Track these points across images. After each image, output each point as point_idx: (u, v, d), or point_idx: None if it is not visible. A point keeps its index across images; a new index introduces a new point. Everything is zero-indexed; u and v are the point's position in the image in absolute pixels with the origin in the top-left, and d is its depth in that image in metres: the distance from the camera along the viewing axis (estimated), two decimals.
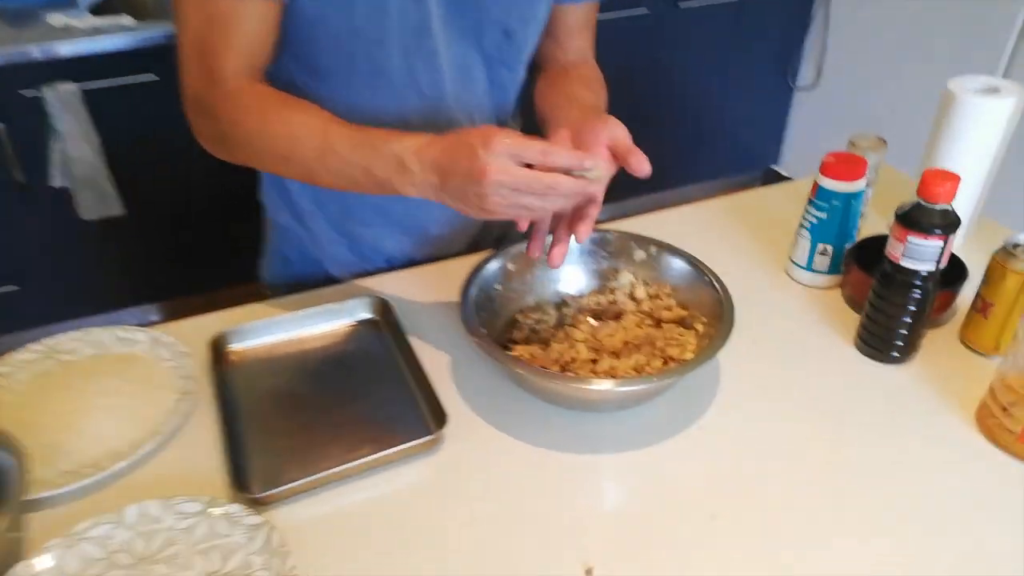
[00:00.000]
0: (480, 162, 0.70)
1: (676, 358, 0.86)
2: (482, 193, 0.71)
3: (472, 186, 0.72)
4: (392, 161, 0.76)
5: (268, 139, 0.81)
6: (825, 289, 1.04)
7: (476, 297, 0.87)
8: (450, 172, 0.73)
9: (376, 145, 0.77)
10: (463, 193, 0.73)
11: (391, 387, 0.88)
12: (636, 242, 0.95)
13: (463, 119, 1.01)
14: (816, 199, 0.99)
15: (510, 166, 0.71)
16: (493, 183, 0.70)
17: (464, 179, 0.72)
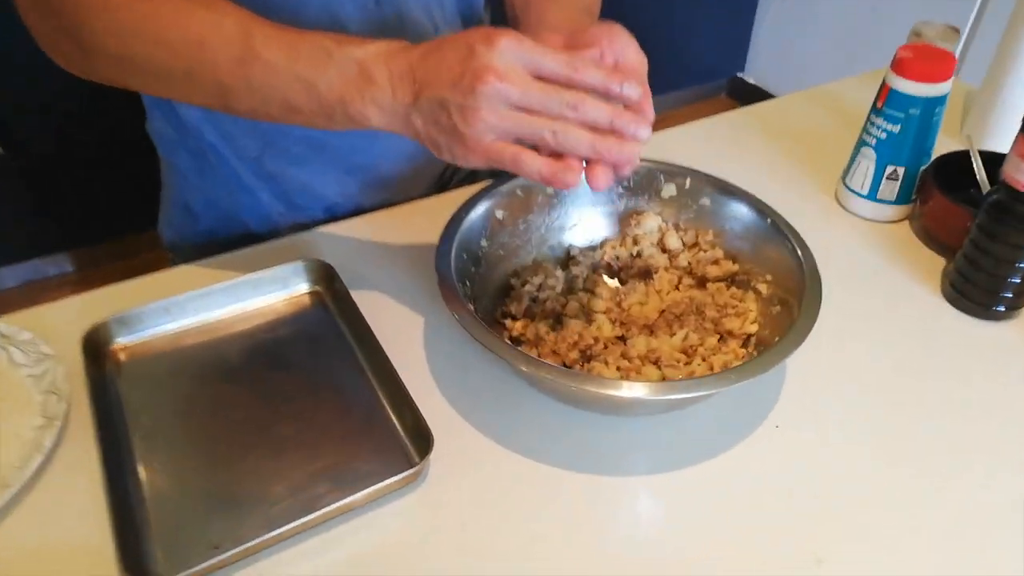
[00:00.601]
0: (479, 62, 0.47)
1: (737, 334, 0.63)
2: (471, 108, 0.47)
3: (458, 97, 0.48)
4: (350, 71, 0.51)
5: (153, 46, 0.55)
6: (889, 223, 0.82)
7: (457, 259, 0.63)
8: (430, 82, 0.49)
9: (326, 50, 0.52)
10: (441, 113, 0.49)
11: (348, 387, 0.63)
12: (664, 172, 0.71)
13: (423, 23, 0.74)
14: (887, 107, 0.76)
15: (519, 72, 0.48)
16: (491, 91, 0.47)
17: (449, 89, 0.48)
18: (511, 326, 0.66)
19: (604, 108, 0.49)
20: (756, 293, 0.66)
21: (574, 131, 0.49)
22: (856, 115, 1.00)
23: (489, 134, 0.49)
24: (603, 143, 0.49)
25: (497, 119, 0.48)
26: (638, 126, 0.50)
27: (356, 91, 0.51)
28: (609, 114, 0.49)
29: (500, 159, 0.50)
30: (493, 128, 0.48)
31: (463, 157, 0.50)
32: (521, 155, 0.49)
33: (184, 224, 0.85)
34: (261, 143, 0.78)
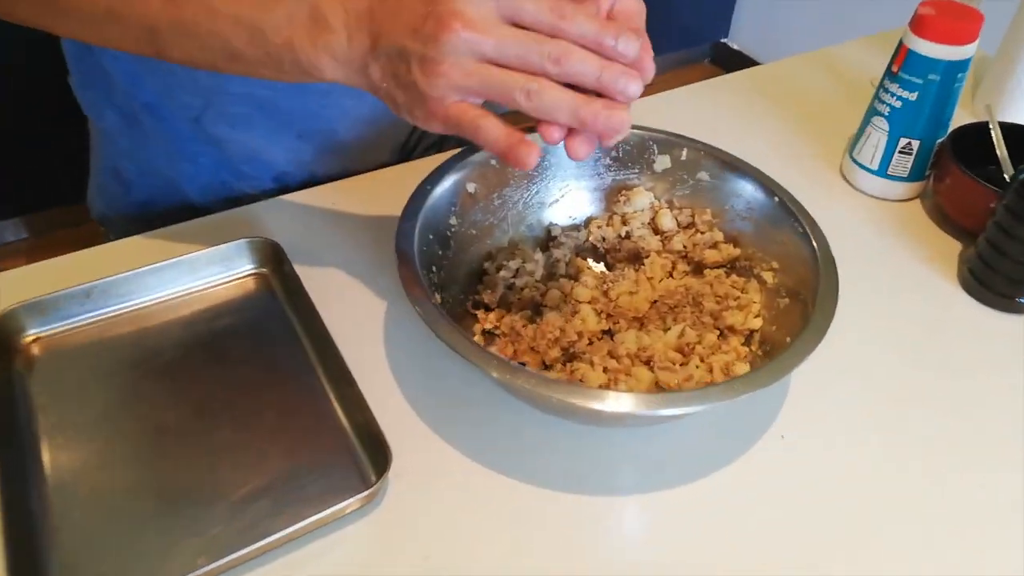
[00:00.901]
0: (444, 5, 0.39)
1: (739, 329, 0.56)
2: (433, 60, 0.40)
3: (419, 46, 0.40)
4: (299, 12, 0.43)
5: None
6: (899, 202, 0.75)
7: (421, 240, 0.54)
8: (389, 27, 0.41)
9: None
10: (400, 64, 0.41)
11: (295, 387, 0.55)
12: (657, 142, 0.63)
13: None
14: (904, 71, 0.68)
15: (492, 18, 0.40)
16: (457, 41, 0.39)
17: (410, 36, 0.40)
18: (484, 318, 0.58)
19: (592, 61, 0.41)
20: (760, 282, 0.58)
21: (553, 91, 0.41)
22: (861, 81, 0.92)
23: (453, 94, 0.41)
24: (587, 108, 0.41)
25: (462, 76, 0.40)
26: (629, 81, 0.42)
27: (307, 36, 0.43)
28: (597, 68, 0.41)
29: (460, 124, 0.42)
30: (457, 86, 0.40)
31: (424, 119, 0.42)
32: (481, 120, 0.41)
33: (115, 194, 0.75)
34: (201, 103, 0.69)
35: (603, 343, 0.55)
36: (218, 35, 0.45)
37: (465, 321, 0.59)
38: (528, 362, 0.56)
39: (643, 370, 0.53)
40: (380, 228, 0.67)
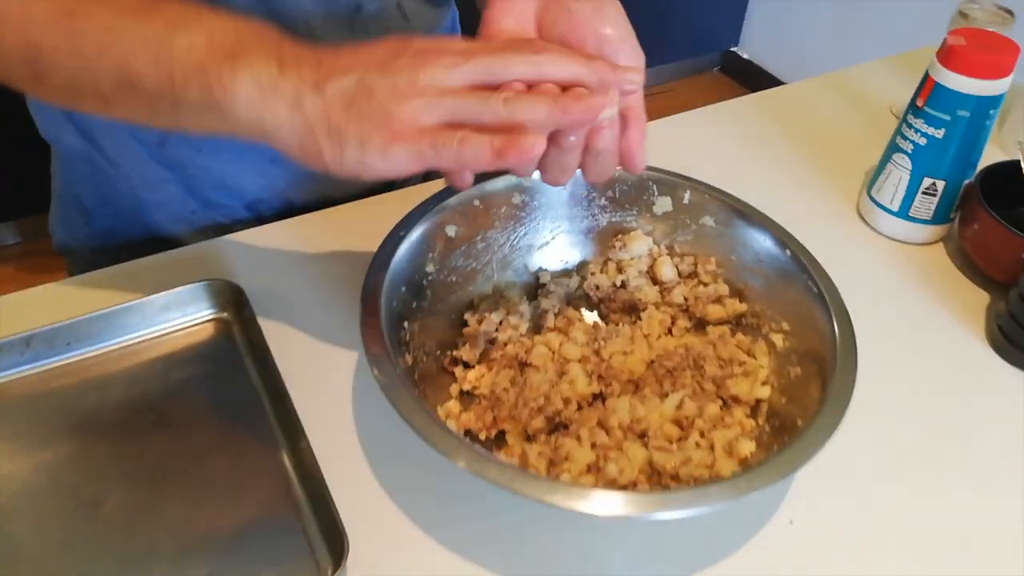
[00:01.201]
0: (416, 45, 0.38)
1: (744, 400, 0.50)
2: (406, 83, 0.36)
3: (389, 75, 0.36)
4: (224, 35, 0.38)
5: None
6: (922, 245, 0.69)
7: (392, 292, 0.49)
8: (348, 66, 0.37)
9: (199, 10, 0.39)
10: (359, 92, 0.36)
11: (249, 456, 0.50)
12: (657, 181, 0.57)
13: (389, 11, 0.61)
14: (930, 106, 0.63)
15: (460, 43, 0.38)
16: (434, 69, 0.37)
17: (377, 68, 0.37)
18: (462, 377, 0.53)
19: (574, 59, 0.39)
20: (769, 344, 0.53)
21: (528, 96, 0.37)
22: (881, 108, 0.86)
23: (427, 114, 0.36)
24: (567, 99, 0.37)
25: (440, 95, 0.36)
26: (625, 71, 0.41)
27: (226, 58, 0.37)
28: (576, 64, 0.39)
29: (438, 144, 0.36)
30: (434, 107, 0.36)
31: (380, 147, 0.36)
32: (467, 134, 0.37)
33: (76, 223, 0.70)
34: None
35: (593, 411, 0.50)
36: (114, 55, 0.38)
37: (441, 380, 0.53)
38: (509, 431, 0.50)
39: (636, 447, 0.47)
40: (356, 266, 0.61)
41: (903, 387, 0.57)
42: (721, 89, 2.68)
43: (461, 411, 0.50)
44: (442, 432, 0.40)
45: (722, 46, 2.70)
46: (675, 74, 2.69)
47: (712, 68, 2.77)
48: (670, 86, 2.68)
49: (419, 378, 0.50)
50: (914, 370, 0.58)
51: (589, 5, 0.42)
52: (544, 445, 0.48)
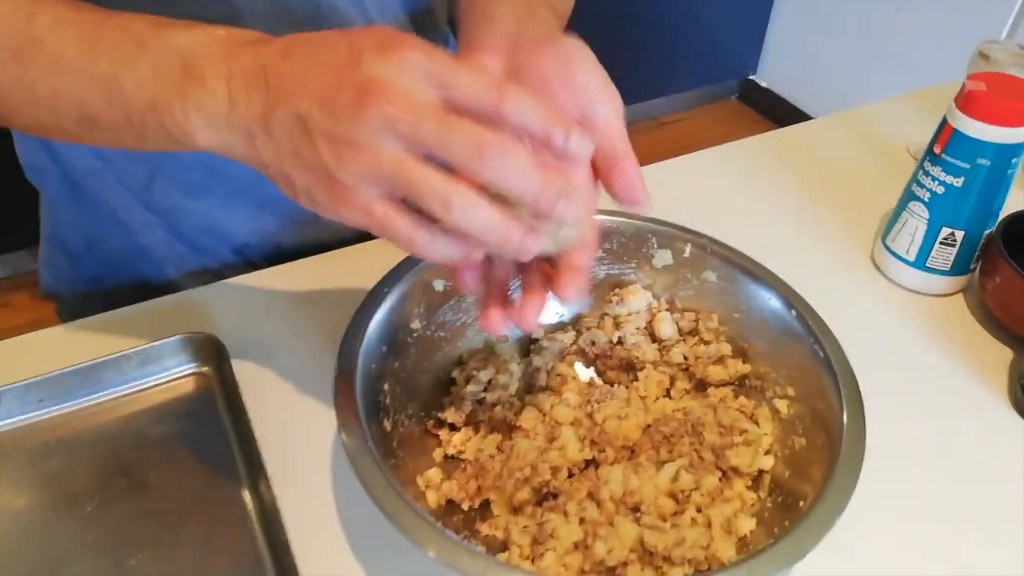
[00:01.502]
0: (364, 72, 0.31)
1: (745, 471, 0.47)
2: (347, 139, 0.32)
3: (328, 120, 0.32)
4: (169, 65, 0.35)
5: None
6: (939, 296, 0.66)
7: (371, 354, 0.46)
8: (290, 92, 0.33)
9: (138, 37, 0.36)
10: (303, 140, 0.33)
11: (221, 529, 0.47)
12: (656, 234, 0.55)
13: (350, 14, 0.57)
14: (948, 154, 0.59)
15: (421, 95, 0.32)
16: (379, 119, 0.31)
17: (318, 105, 0.32)
18: (447, 440, 0.50)
19: (533, 166, 0.32)
20: (773, 410, 0.49)
21: (479, 209, 0.32)
22: (897, 149, 0.83)
23: (368, 184, 0.32)
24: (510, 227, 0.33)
25: (376, 164, 0.31)
26: (568, 206, 0.33)
27: (175, 93, 0.35)
28: (538, 183, 0.32)
29: (385, 229, 0.33)
30: (373, 176, 0.32)
31: (329, 208, 0.34)
32: (420, 237, 0.33)
33: (62, 267, 0.69)
34: (150, 168, 0.61)
35: (583, 481, 0.46)
36: (69, 96, 0.37)
37: (425, 443, 0.50)
38: (495, 500, 0.47)
39: (628, 523, 0.44)
40: (345, 316, 0.58)
41: (918, 451, 0.53)
42: (739, 117, 2.65)
43: (443, 480, 0.47)
44: (410, 515, 0.37)
45: (740, 74, 2.68)
46: (693, 102, 2.67)
47: (730, 96, 2.74)
48: (688, 114, 2.66)
49: (399, 443, 0.47)
50: (930, 433, 0.55)
51: (552, 58, 0.39)
52: (530, 519, 0.45)
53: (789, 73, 2.56)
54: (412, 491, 0.46)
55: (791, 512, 0.43)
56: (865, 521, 0.48)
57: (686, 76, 2.59)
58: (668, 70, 2.52)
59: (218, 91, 0.34)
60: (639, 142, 0.41)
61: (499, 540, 0.46)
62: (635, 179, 0.39)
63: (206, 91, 0.34)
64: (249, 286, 0.62)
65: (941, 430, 0.55)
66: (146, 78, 0.35)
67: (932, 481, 0.52)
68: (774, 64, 2.61)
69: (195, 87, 0.34)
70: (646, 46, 2.39)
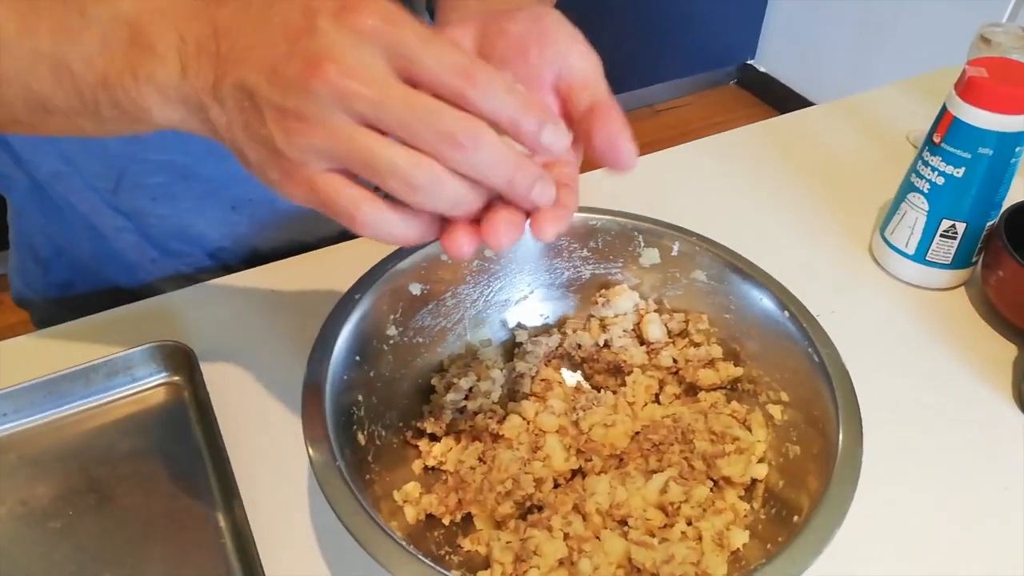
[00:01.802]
0: (317, 41, 0.28)
1: (737, 481, 0.45)
2: (294, 112, 0.29)
3: (277, 92, 0.29)
4: (116, 35, 0.33)
5: None
6: (940, 291, 0.63)
7: (343, 364, 0.44)
8: (239, 59, 0.30)
9: (80, 6, 0.33)
10: (251, 112, 0.30)
11: (192, 537, 0.45)
12: (643, 232, 0.52)
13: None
14: (948, 143, 0.57)
15: (379, 68, 0.29)
16: (328, 92, 0.28)
17: (266, 76, 0.29)
18: (427, 451, 0.48)
19: (504, 156, 0.30)
20: (766, 416, 0.47)
21: (447, 184, 0.29)
22: (895, 136, 0.80)
23: (315, 159, 0.30)
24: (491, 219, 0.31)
25: (327, 137, 0.29)
26: (544, 188, 0.31)
27: (126, 65, 0.32)
28: (509, 168, 0.30)
29: (329, 203, 0.30)
30: (320, 150, 0.29)
31: (280, 184, 0.31)
32: (363, 209, 0.30)
33: (33, 274, 0.67)
34: (116, 171, 0.59)
35: (569, 494, 0.44)
36: (15, 79, 0.34)
37: (404, 454, 0.48)
38: (477, 514, 0.45)
39: (614, 538, 0.42)
40: (321, 321, 0.57)
41: (918, 450, 0.51)
42: (737, 103, 2.62)
43: (422, 494, 0.45)
44: (382, 538, 0.35)
45: (738, 59, 2.64)
46: (691, 88, 2.64)
47: (728, 81, 2.71)
48: (686, 100, 2.62)
49: (375, 456, 0.45)
50: (931, 431, 0.53)
51: (524, 22, 0.36)
52: (513, 534, 0.43)
53: (788, 58, 2.53)
54: (389, 506, 0.44)
55: (786, 524, 0.41)
56: (863, 525, 0.46)
57: (683, 62, 2.56)
58: (664, 56, 2.48)
59: (169, 59, 0.31)
60: (635, 130, 0.37)
61: (482, 555, 0.44)
62: (618, 132, 0.35)
63: (157, 59, 0.31)
64: (223, 288, 0.60)
65: (943, 429, 0.53)
66: (93, 51, 0.33)
67: (933, 482, 0.50)
68: (773, 49, 2.57)
69: (145, 56, 0.32)
70: (641, 31, 2.35)
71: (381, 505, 0.43)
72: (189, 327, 0.57)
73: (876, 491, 0.46)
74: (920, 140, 0.73)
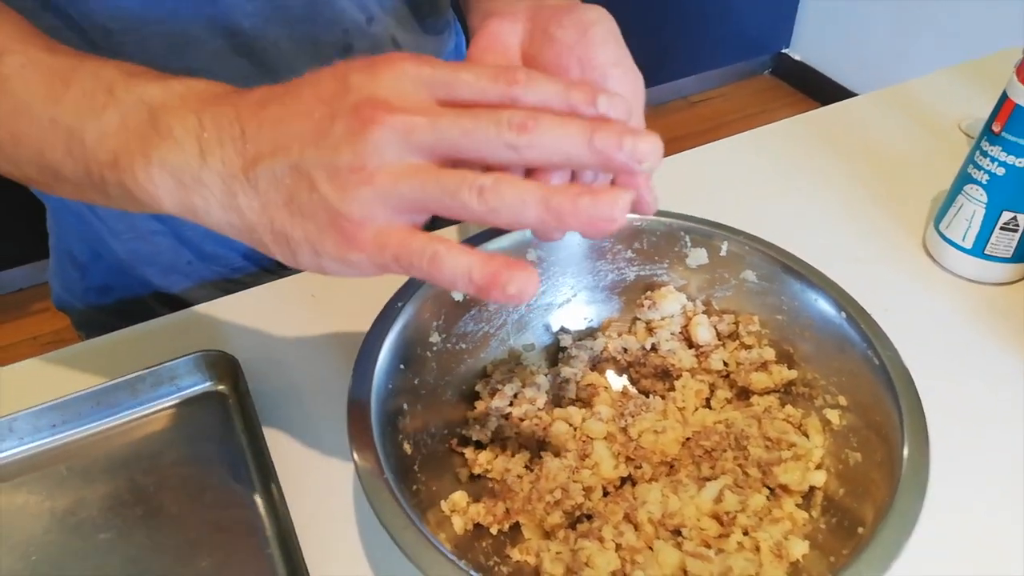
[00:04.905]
0: (358, 95, 0.29)
1: (794, 489, 0.43)
2: (353, 166, 0.28)
3: (328, 153, 0.29)
4: (135, 116, 0.32)
5: None
6: (999, 286, 0.61)
7: (388, 374, 0.43)
8: (277, 142, 0.29)
9: (108, 84, 0.33)
10: (299, 184, 0.29)
11: (239, 550, 0.45)
12: (690, 232, 0.51)
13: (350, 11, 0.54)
14: (1008, 132, 0.55)
15: (422, 97, 0.29)
16: (387, 134, 0.28)
17: (313, 146, 0.29)
18: (473, 459, 0.47)
19: (573, 123, 0.29)
20: (824, 421, 0.46)
21: (513, 183, 0.29)
22: (947, 126, 0.78)
23: (381, 210, 0.29)
24: (563, 196, 0.28)
25: (392, 181, 0.28)
26: (638, 140, 0.29)
27: (139, 148, 0.31)
28: (585, 129, 0.29)
29: (403, 255, 0.29)
30: (387, 197, 0.29)
31: (337, 255, 0.30)
32: (439, 249, 0.29)
33: (72, 279, 0.67)
34: None
35: (619, 503, 0.43)
36: (29, 143, 0.34)
37: (450, 462, 0.48)
38: (525, 524, 0.44)
39: (668, 548, 0.41)
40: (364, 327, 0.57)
41: (980, 454, 0.49)
42: (773, 94, 2.57)
43: (469, 503, 0.44)
44: (430, 552, 0.34)
45: (772, 48, 2.60)
46: (724, 79, 2.60)
47: (763, 71, 2.66)
48: (720, 91, 2.59)
49: (421, 465, 0.44)
50: (993, 434, 0.50)
51: (573, 30, 0.36)
52: (563, 544, 0.42)
53: (825, 45, 2.47)
54: (436, 516, 0.43)
55: (848, 534, 0.39)
56: (924, 532, 0.44)
57: (716, 52, 2.52)
58: (697, 46, 2.45)
59: (187, 144, 0.31)
60: (669, 122, 0.37)
61: (531, 566, 0.43)
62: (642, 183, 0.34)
63: (172, 143, 0.31)
64: (265, 296, 0.60)
65: (1006, 431, 0.51)
66: (110, 129, 0.32)
67: (999, 487, 0.47)
68: (808, 36, 2.52)
69: (161, 140, 0.31)
70: (673, 22, 2.32)
71: (428, 515, 0.42)
72: (232, 336, 0.57)
73: (937, 497, 0.44)
74: (974, 129, 0.71)
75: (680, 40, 2.37)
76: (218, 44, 0.52)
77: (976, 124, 0.74)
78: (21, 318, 1.82)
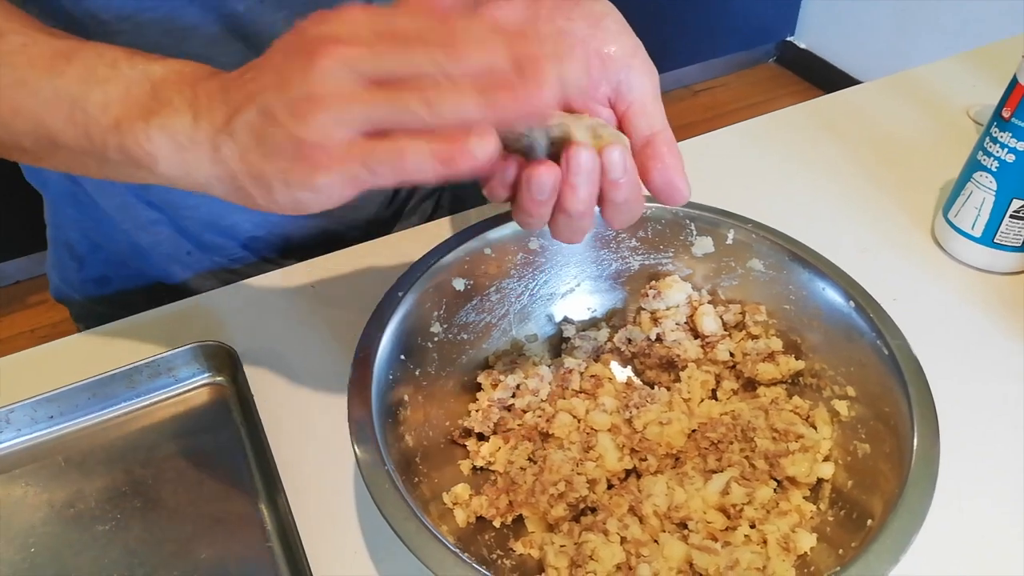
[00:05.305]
0: (310, 35, 0.30)
1: (802, 481, 0.42)
2: (308, 96, 0.30)
3: (288, 90, 0.30)
4: (138, 88, 0.34)
5: None
6: (1009, 275, 0.60)
7: (388, 365, 0.43)
8: (250, 94, 0.31)
9: (112, 60, 0.35)
10: (268, 124, 0.31)
11: (239, 541, 0.45)
12: (695, 220, 0.50)
13: None
14: (1018, 118, 0.54)
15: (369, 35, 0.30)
16: (334, 64, 0.29)
17: (275, 88, 0.30)
18: (475, 451, 0.47)
19: (499, 43, 0.29)
20: (832, 412, 0.45)
21: (453, 91, 0.29)
22: (955, 112, 0.77)
23: (339, 128, 0.30)
24: (500, 93, 0.29)
25: (346, 103, 0.29)
26: None
27: (140, 114, 0.34)
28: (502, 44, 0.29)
29: (371, 163, 0.30)
30: (342, 117, 0.30)
31: (306, 182, 0.31)
32: (401, 142, 0.30)
33: (69, 270, 0.66)
34: None
35: (624, 495, 0.43)
36: (29, 113, 0.35)
37: (451, 453, 0.47)
38: (529, 517, 0.44)
39: (674, 541, 0.40)
40: (363, 317, 0.56)
41: (989, 444, 0.48)
42: (777, 82, 2.56)
43: (472, 495, 0.44)
44: (433, 544, 0.34)
45: (777, 36, 2.58)
46: (729, 67, 2.58)
47: (767, 59, 2.65)
48: (724, 80, 2.57)
49: (423, 457, 0.44)
50: (1002, 425, 0.50)
51: (584, 23, 0.36)
52: (567, 537, 0.42)
53: (830, 33, 2.45)
54: (438, 508, 0.43)
55: (856, 527, 0.39)
56: (938, 529, 0.43)
57: (720, 41, 2.50)
58: (700, 35, 2.43)
59: (183, 110, 0.33)
60: (672, 111, 0.37)
61: (535, 559, 0.42)
62: (674, 171, 0.35)
63: (172, 110, 0.33)
64: (264, 286, 0.59)
65: (1015, 421, 0.50)
66: (113, 98, 0.34)
67: (1007, 478, 0.47)
68: (813, 24, 2.50)
69: (161, 107, 0.34)
70: (676, 10, 2.30)
71: (430, 507, 0.42)
72: (231, 326, 0.56)
73: (947, 488, 0.43)
74: (983, 116, 0.70)
75: (684, 28, 2.35)
76: (214, 29, 0.51)
77: (984, 111, 0.73)
78: (19, 311, 1.81)
